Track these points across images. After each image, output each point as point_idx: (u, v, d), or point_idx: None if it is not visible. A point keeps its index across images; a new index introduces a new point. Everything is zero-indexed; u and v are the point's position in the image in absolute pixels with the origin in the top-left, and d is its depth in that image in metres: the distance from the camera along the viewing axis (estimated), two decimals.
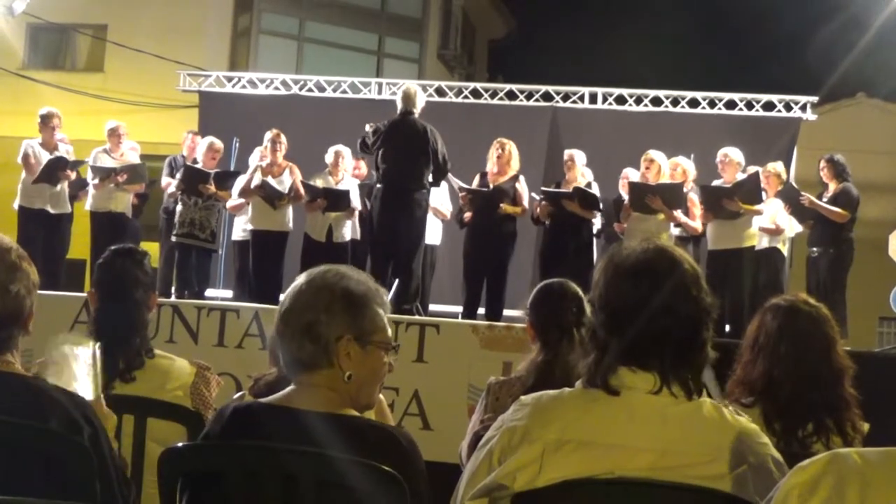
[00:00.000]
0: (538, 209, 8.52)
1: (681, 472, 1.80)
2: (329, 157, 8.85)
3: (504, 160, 8.38)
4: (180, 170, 9.13)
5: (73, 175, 9.04)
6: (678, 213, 8.26)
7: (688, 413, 1.86)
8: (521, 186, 8.44)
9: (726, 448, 1.83)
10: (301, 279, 2.11)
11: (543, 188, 8.61)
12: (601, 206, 8.63)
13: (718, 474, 1.81)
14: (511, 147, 8.42)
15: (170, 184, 9.33)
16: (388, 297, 2.15)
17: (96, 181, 9.09)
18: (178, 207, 8.85)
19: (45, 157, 8.94)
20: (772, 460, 1.88)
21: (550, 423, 1.85)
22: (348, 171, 9.07)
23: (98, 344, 2.38)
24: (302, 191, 8.65)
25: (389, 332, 2.12)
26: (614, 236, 8.92)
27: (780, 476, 1.83)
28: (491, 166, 8.43)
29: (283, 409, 2.04)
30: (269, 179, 8.62)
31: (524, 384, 3.10)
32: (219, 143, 9.12)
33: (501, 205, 8.24)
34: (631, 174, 8.88)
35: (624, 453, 1.80)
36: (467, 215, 8.48)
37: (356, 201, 8.72)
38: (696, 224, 8.29)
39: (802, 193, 8.45)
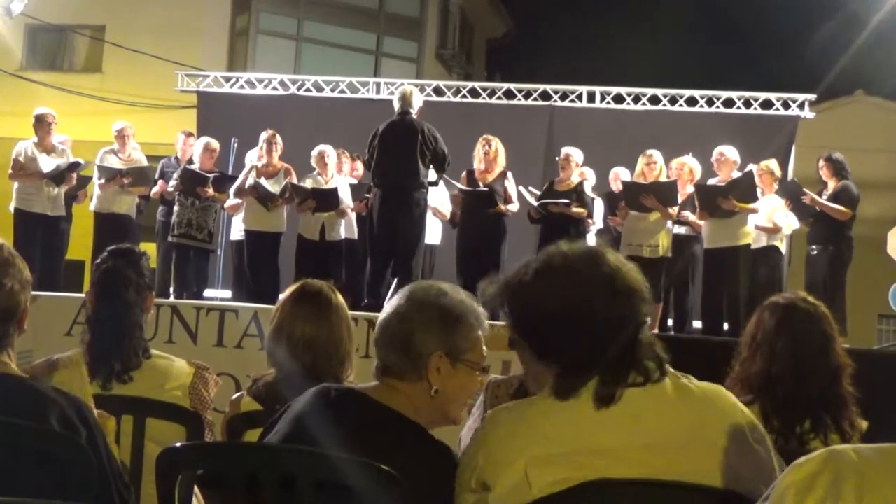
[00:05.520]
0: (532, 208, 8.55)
1: (666, 460, 1.76)
2: (314, 159, 8.87)
3: (491, 157, 8.40)
4: (177, 171, 9.11)
5: (74, 180, 9.04)
6: (685, 212, 8.27)
7: (654, 401, 1.81)
8: (510, 184, 8.46)
9: (701, 425, 1.80)
10: (404, 292, 2.16)
11: (542, 201, 8.52)
12: (594, 207, 8.66)
13: (703, 455, 1.78)
14: (497, 144, 8.45)
15: (163, 187, 9.30)
16: (481, 312, 2.16)
17: (102, 181, 9.09)
18: (176, 208, 8.84)
19: (43, 158, 8.93)
20: (741, 414, 1.86)
21: (527, 440, 1.80)
22: (342, 169, 9.11)
23: (80, 350, 2.37)
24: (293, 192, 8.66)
25: (484, 351, 2.15)
26: (609, 232, 8.97)
27: (749, 429, 1.83)
28: (478, 163, 8.46)
29: (371, 399, 2.09)
30: (263, 181, 8.62)
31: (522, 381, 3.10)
32: (214, 143, 9.11)
33: (499, 205, 8.26)
34: (621, 173, 8.91)
35: (606, 457, 1.76)
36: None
37: (347, 199, 8.73)
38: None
39: (805, 191, 8.45)
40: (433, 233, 8.96)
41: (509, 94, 11.72)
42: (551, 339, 1.87)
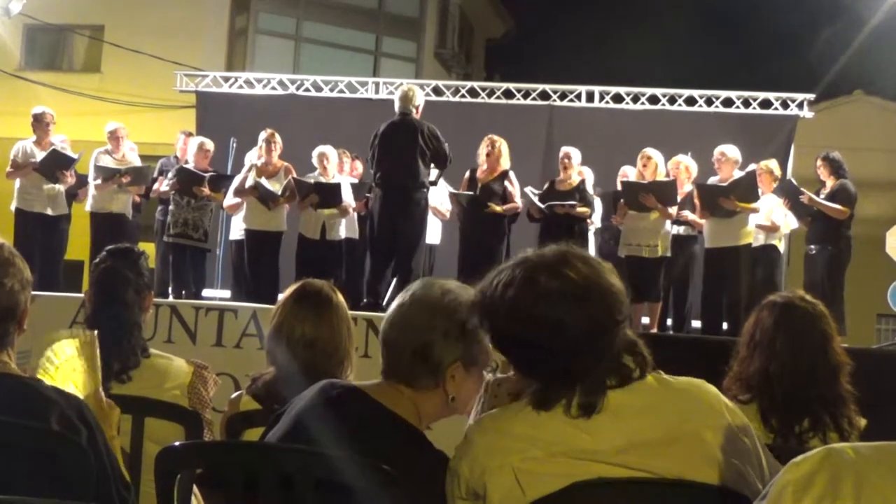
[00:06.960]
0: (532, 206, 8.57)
1: (649, 458, 1.75)
2: (315, 160, 8.87)
3: (494, 157, 8.41)
4: (173, 170, 9.11)
5: (71, 179, 9.04)
6: (685, 212, 8.27)
7: (635, 400, 1.79)
8: (511, 183, 8.46)
9: (684, 419, 1.78)
10: (415, 292, 2.09)
11: (549, 203, 8.49)
12: (595, 205, 8.65)
13: (686, 448, 1.76)
14: (501, 144, 8.45)
15: (161, 185, 9.30)
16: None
17: (98, 181, 9.09)
18: (171, 208, 8.85)
19: (41, 157, 8.93)
20: (724, 406, 1.84)
21: (512, 445, 1.78)
22: (342, 169, 9.12)
23: (96, 333, 2.37)
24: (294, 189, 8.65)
25: (492, 351, 2.08)
26: (610, 231, 8.96)
27: (732, 420, 1.81)
28: (481, 163, 8.47)
29: (373, 400, 2.06)
30: (263, 180, 8.62)
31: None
32: (209, 143, 9.12)
33: (492, 206, 8.28)
34: (630, 173, 8.89)
35: (590, 459, 1.74)
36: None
37: (349, 198, 8.73)
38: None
39: (802, 190, 8.45)
40: (433, 233, 8.97)
41: (508, 94, 11.72)
42: (525, 356, 1.83)
